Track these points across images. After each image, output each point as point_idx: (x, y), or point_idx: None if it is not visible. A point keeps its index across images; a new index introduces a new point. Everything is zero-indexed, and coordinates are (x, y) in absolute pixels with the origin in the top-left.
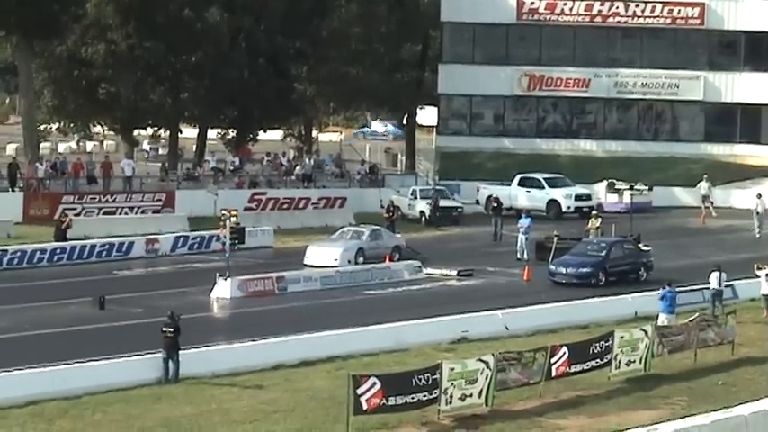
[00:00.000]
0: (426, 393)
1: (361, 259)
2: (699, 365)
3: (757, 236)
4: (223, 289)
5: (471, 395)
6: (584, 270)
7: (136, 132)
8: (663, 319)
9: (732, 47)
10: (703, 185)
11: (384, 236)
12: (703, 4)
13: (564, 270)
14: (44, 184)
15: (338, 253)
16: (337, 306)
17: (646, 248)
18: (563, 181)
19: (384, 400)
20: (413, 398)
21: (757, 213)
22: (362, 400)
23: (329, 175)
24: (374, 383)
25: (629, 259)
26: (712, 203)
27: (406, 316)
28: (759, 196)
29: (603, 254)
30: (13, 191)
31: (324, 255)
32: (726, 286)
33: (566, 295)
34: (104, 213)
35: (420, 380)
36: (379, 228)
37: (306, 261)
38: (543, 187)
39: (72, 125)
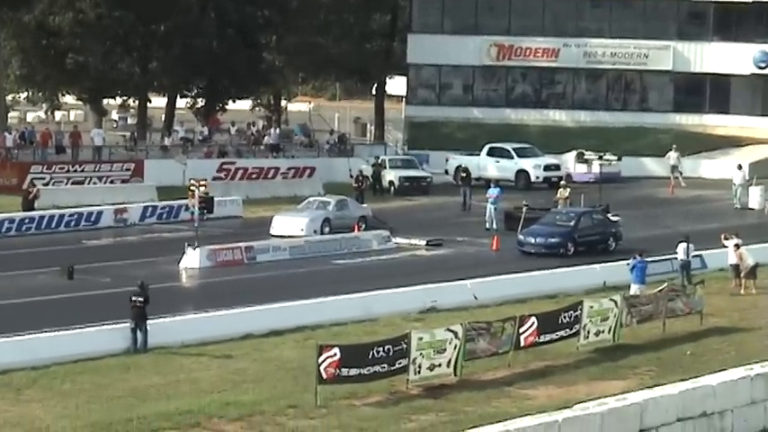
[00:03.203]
0: (385, 365)
1: (327, 229)
2: (667, 335)
3: (737, 206)
4: (192, 259)
5: (440, 365)
6: (553, 240)
7: (105, 102)
8: (635, 290)
9: (701, 17)
10: (672, 155)
11: (350, 206)
12: None
13: (533, 240)
14: (12, 153)
15: (304, 223)
16: (306, 276)
17: (615, 219)
18: (532, 151)
19: (338, 371)
20: (368, 370)
21: (736, 185)
22: (321, 369)
23: (298, 145)
24: (335, 354)
25: (598, 229)
26: (681, 173)
27: (375, 286)
28: (740, 167)
29: (572, 224)
30: None
31: (290, 224)
32: (694, 257)
33: (535, 265)
34: (73, 183)
35: (379, 352)
36: (346, 198)
37: (272, 231)
38: (512, 157)
39: (40, 94)
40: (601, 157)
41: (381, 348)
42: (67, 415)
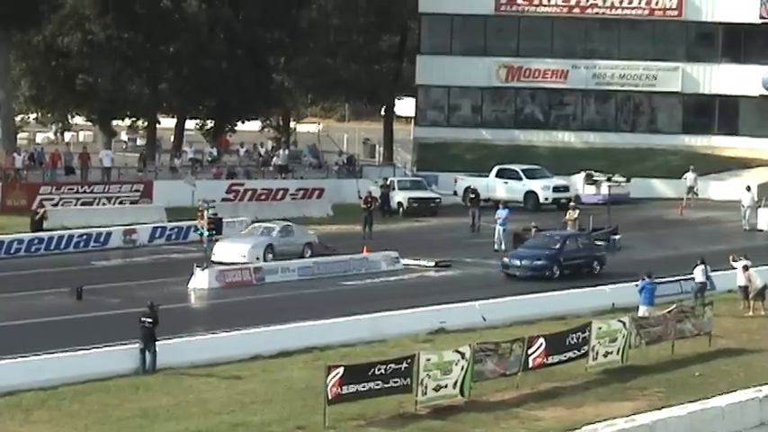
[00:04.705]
0: (384, 383)
1: (270, 256)
2: (676, 357)
3: (746, 228)
4: (201, 279)
5: (446, 386)
6: (539, 263)
7: (114, 123)
8: (643, 311)
9: (710, 38)
10: (689, 176)
11: (296, 232)
12: None
13: (518, 263)
14: (21, 174)
15: (246, 249)
16: (315, 297)
17: (599, 242)
18: (541, 172)
19: (340, 389)
20: (364, 387)
21: (745, 206)
22: (328, 389)
23: (307, 166)
24: (337, 373)
25: (583, 253)
26: (696, 194)
27: (383, 307)
28: (748, 189)
29: (558, 247)
30: None
31: (232, 251)
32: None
33: (543, 287)
34: (82, 204)
35: (380, 370)
36: (290, 224)
37: (213, 257)
38: (521, 178)
39: (50, 115)
40: (609, 179)
41: (383, 367)
42: None
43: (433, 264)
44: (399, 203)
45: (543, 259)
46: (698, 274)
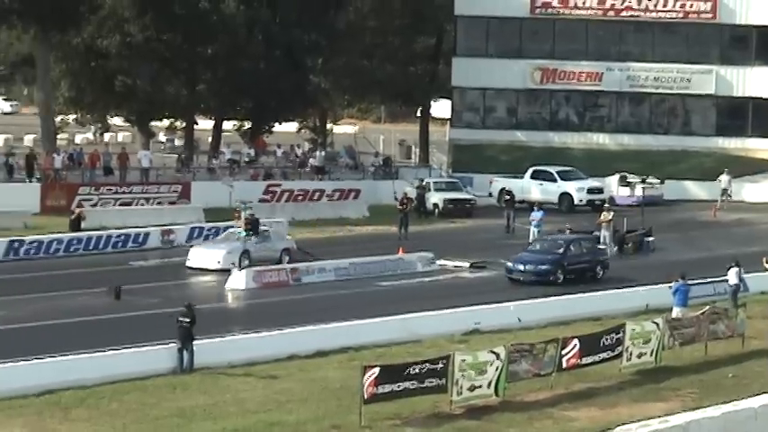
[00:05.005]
0: (419, 383)
1: (246, 262)
2: (709, 358)
3: None
4: (238, 280)
5: (481, 386)
6: (543, 267)
7: (152, 124)
8: (677, 313)
9: (744, 41)
10: (724, 178)
11: (272, 238)
12: None
13: (522, 267)
14: (61, 174)
15: (221, 255)
16: (351, 297)
17: (602, 246)
18: (575, 174)
19: (375, 389)
20: (399, 386)
21: None
22: (363, 389)
23: (343, 167)
24: (373, 373)
25: (587, 257)
26: (730, 196)
27: (419, 307)
28: None
29: (561, 251)
30: (30, 181)
31: (206, 257)
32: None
33: (577, 289)
34: (120, 204)
35: (415, 370)
36: (267, 230)
37: (188, 263)
38: (556, 180)
39: (89, 116)
40: (644, 181)
41: (418, 367)
42: None
43: (468, 265)
44: (435, 204)
45: (547, 264)
46: (732, 276)
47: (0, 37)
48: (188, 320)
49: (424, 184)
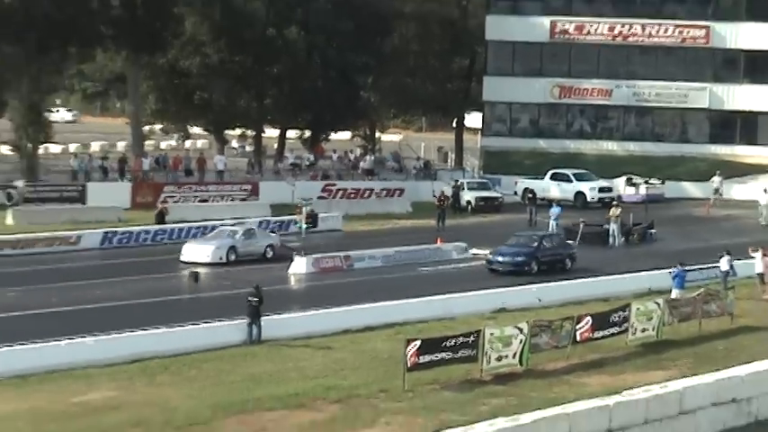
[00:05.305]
0: (453, 354)
1: (233, 257)
2: (703, 333)
3: (763, 224)
4: (299, 265)
5: (507, 356)
6: (519, 259)
7: (226, 132)
8: (675, 294)
9: (733, 63)
10: (716, 179)
11: (258, 235)
12: (709, 26)
13: (500, 259)
14: (148, 175)
15: (210, 250)
16: (396, 281)
17: (570, 241)
18: (588, 176)
19: (417, 359)
20: (437, 356)
21: (762, 205)
22: (406, 358)
23: (390, 170)
24: (415, 345)
25: (558, 251)
26: (721, 195)
27: (454, 289)
28: (765, 191)
29: (535, 245)
30: (122, 181)
31: (197, 252)
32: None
33: (549, 278)
34: (199, 201)
35: (450, 343)
36: (254, 228)
37: (181, 258)
38: (571, 181)
39: (172, 126)
40: (647, 181)
41: (453, 340)
42: (194, 396)
43: None
44: (468, 202)
45: (523, 256)
46: (723, 263)
47: (97, 58)
48: (257, 300)
49: (458, 184)
